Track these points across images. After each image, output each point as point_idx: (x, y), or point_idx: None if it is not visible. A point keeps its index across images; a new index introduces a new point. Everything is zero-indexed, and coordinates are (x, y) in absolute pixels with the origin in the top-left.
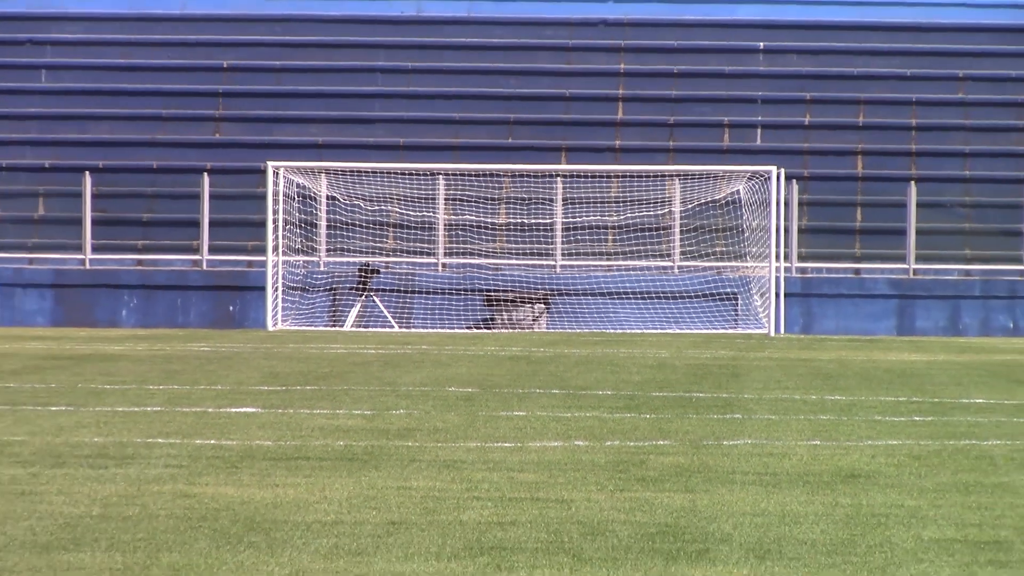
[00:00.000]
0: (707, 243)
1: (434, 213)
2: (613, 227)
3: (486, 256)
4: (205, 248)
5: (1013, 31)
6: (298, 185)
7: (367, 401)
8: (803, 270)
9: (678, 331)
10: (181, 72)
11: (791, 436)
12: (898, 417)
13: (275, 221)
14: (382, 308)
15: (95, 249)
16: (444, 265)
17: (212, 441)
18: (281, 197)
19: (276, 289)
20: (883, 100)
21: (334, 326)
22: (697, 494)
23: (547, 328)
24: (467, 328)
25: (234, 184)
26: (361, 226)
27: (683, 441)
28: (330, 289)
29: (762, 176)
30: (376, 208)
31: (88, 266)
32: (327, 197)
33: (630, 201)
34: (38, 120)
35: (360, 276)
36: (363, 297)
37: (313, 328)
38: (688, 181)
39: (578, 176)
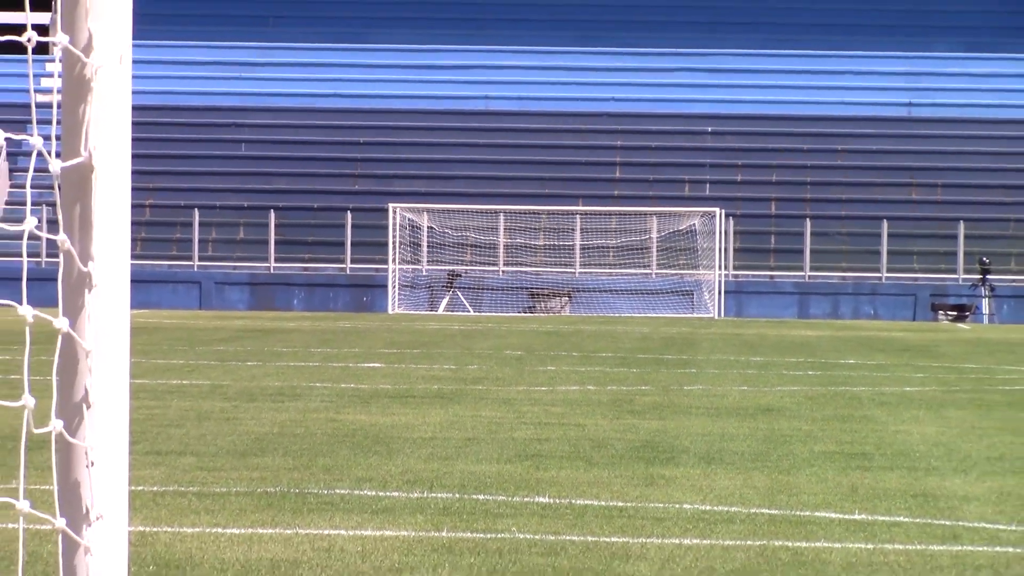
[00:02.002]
0: (673, 258)
1: (496, 237)
2: (613, 247)
3: (530, 266)
4: (348, 260)
5: (873, 120)
6: (408, 219)
7: (452, 359)
8: (736, 276)
9: (654, 315)
10: (333, 144)
11: (728, 383)
12: (797, 372)
13: (393, 242)
14: (462, 299)
15: (276, 260)
16: (503, 271)
17: (352, 385)
18: (397, 227)
19: (394, 286)
20: (788, 165)
21: (431, 311)
22: (666, 421)
23: (570, 313)
24: (518, 312)
25: (367, 219)
26: (449, 246)
27: (657, 386)
28: (428, 286)
29: (710, 214)
30: (459, 234)
31: (272, 271)
32: (427, 227)
33: (624, 231)
34: (239, 175)
35: (448, 278)
36: (450, 292)
37: (417, 312)
38: (662, 218)
39: (590, 214)
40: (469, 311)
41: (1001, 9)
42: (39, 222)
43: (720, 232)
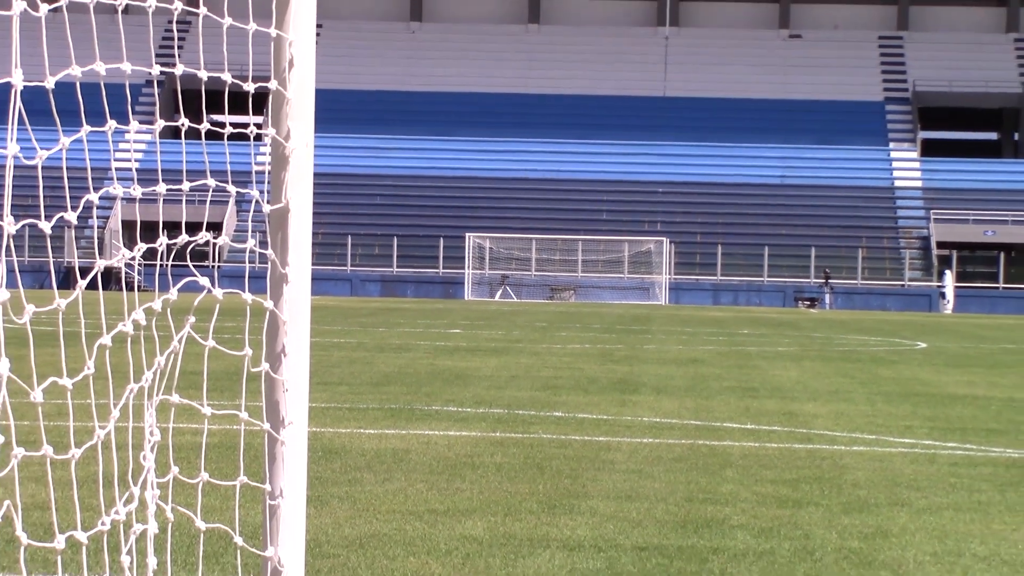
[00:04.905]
0: (637, 267)
1: (530, 254)
2: (601, 260)
3: (550, 271)
4: (440, 266)
5: (760, 185)
6: (477, 243)
7: (503, 327)
8: (675, 279)
9: (626, 302)
10: (431, 197)
11: (671, 344)
12: (713, 337)
13: (468, 256)
14: (509, 291)
15: (397, 266)
16: (534, 274)
17: (442, 343)
18: (471, 247)
19: (468, 283)
20: (708, 212)
21: (490, 298)
22: (633, 367)
23: (575, 301)
24: (543, 300)
25: (452, 243)
26: (502, 259)
27: (627, 345)
28: (489, 283)
29: (660, 242)
30: (508, 251)
31: (395, 273)
32: (489, 247)
33: (608, 251)
34: (375, 215)
35: (501, 278)
36: (502, 287)
37: (482, 299)
38: (631, 243)
39: (587, 241)
40: (513, 299)
41: (843, 117)
42: (256, 242)
43: (666, 252)
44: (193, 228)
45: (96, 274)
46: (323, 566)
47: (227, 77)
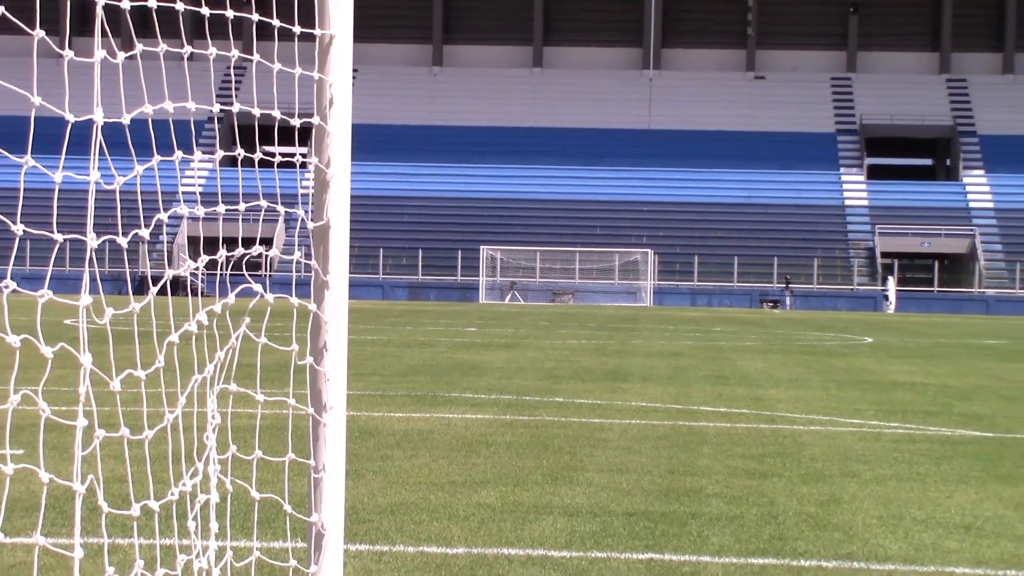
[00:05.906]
0: (627, 275)
1: (535, 264)
2: (596, 269)
3: (551, 277)
4: (459, 274)
5: (728, 205)
6: (490, 254)
7: (512, 326)
8: (658, 284)
9: (617, 304)
10: (451, 215)
11: (655, 339)
12: (690, 334)
13: (482, 265)
14: (518, 295)
15: (422, 274)
16: (538, 280)
17: (459, 339)
18: (484, 258)
19: (482, 288)
20: (686, 227)
21: (501, 301)
22: (622, 359)
23: (573, 303)
24: (546, 303)
25: (469, 254)
26: (511, 268)
27: (618, 341)
28: (500, 288)
29: (645, 253)
30: (516, 261)
31: (420, 280)
32: (500, 258)
33: (601, 260)
34: (403, 231)
35: (510, 283)
36: (511, 291)
37: (494, 302)
38: (620, 254)
39: (584, 252)
40: (521, 302)
41: (800, 146)
42: (301, 254)
43: (651, 262)
44: (248, 242)
45: (166, 282)
46: (359, 530)
47: (277, 114)
